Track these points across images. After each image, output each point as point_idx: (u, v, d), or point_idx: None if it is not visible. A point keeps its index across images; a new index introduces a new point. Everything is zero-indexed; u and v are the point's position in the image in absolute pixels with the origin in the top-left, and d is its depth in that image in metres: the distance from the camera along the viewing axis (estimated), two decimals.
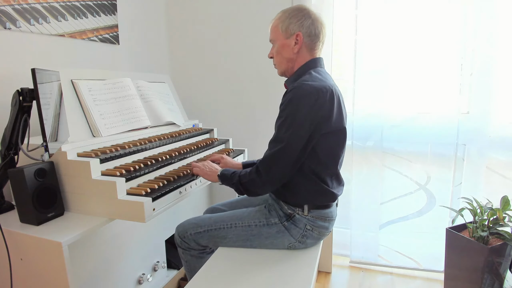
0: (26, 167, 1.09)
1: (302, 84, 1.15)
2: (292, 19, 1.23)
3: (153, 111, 1.70)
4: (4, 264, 1.12)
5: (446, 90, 1.93)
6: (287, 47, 1.26)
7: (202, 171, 1.37)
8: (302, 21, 1.22)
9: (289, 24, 1.24)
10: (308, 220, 1.25)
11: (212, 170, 1.35)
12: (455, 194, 1.99)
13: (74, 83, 1.40)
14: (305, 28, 1.23)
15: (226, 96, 2.40)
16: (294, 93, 1.14)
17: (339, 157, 1.27)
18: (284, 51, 1.27)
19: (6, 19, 1.40)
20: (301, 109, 1.13)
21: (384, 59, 1.95)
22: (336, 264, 2.18)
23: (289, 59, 1.28)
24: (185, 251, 1.38)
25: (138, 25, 2.19)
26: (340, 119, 1.21)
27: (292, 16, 1.24)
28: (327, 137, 1.18)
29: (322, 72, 1.24)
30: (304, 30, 1.23)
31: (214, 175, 1.33)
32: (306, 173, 1.21)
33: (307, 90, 1.13)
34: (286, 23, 1.24)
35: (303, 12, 1.24)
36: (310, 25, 1.23)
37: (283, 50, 1.27)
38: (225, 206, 1.57)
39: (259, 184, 1.19)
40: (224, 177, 1.29)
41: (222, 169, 1.34)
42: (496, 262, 1.56)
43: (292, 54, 1.26)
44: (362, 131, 2.07)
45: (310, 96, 1.12)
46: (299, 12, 1.24)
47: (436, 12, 1.89)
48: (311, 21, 1.23)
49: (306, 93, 1.13)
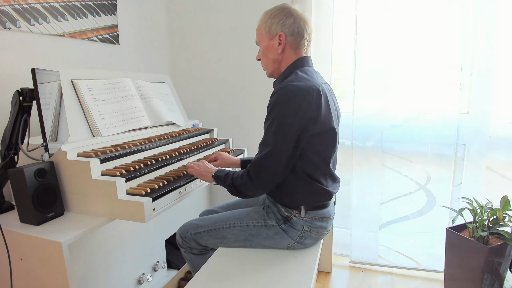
0: (26, 167, 1.09)
1: (288, 85, 1.13)
2: (273, 19, 1.22)
3: (153, 111, 1.70)
4: (4, 264, 1.12)
5: (446, 90, 1.94)
6: (271, 48, 1.25)
7: (197, 172, 1.36)
8: (284, 21, 1.21)
9: (271, 25, 1.23)
10: (306, 221, 1.24)
11: (207, 170, 1.34)
12: (455, 194, 1.99)
13: (74, 83, 1.40)
14: (287, 27, 1.21)
15: (226, 96, 2.40)
16: (280, 95, 1.13)
17: (330, 157, 1.24)
18: (269, 52, 1.26)
19: (6, 19, 1.40)
20: (287, 111, 1.11)
21: (384, 59, 1.95)
22: (336, 264, 2.18)
23: (275, 60, 1.26)
24: (187, 250, 1.39)
25: (138, 25, 2.19)
26: (329, 119, 1.18)
27: (274, 16, 1.23)
28: (316, 138, 1.16)
29: (309, 71, 1.22)
30: (287, 30, 1.21)
31: (208, 176, 1.32)
32: (300, 174, 1.20)
33: (293, 91, 1.12)
34: (268, 23, 1.23)
35: (284, 11, 1.22)
36: (292, 23, 1.21)
37: (268, 52, 1.27)
38: (222, 209, 1.56)
39: (251, 188, 1.19)
40: (218, 178, 1.28)
41: (217, 169, 1.32)
42: (496, 262, 1.56)
43: (277, 54, 1.25)
44: (362, 131, 2.06)
45: (295, 97, 1.11)
46: (280, 12, 1.22)
47: (436, 12, 1.89)
48: (293, 19, 1.21)
49: (291, 94, 1.11)
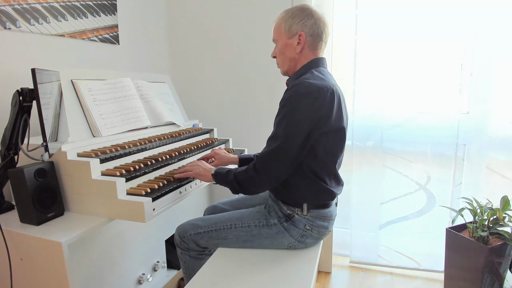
0: (26, 167, 1.09)
1: (303, 82, 1.14)
2: (295, 19, 1.23)
3: (153, 111, 1.70)
4: (4, 264, 1.12)
5: (446, 90, 1.94)
6: (290, 47, 1.26)
7: (195, 172, 1.33)
8: (305, 21, 1.22)
9: (292, 24, 1.23)
10: (308, 220, 1.25)
11: (206, 169, 1.32)
12: (455, 194, 1.99)
13: (74, 83, 1.40)
14: (308, 28, 1.22)
15: (226, 96, 2.40)
16: (295, 91, 1.14)
17: (337, 156, 1.26)
18: (286, 51, 1.27)
19: (6, 19, 1.40)
20: (300, 107, 1.12)
21: (384, 59, 1.95)
22: (336, 264, 2.18)
23: (292, 58, 1.27)
24: (184, 251, 1.38)
25: (138, 25, 2.19)
26: (340, 119, 1.20)
27: (295, 16, 1.23)
28: (326, 136, 1.17)
29: (324, 71, 1.24)
30: (307, 30, 1.22)
31: (208, 175, 1.30)
32: (305, 172, 1.20)
33: (308, 88, 1.13)
34: (289, 22, 1.24)
35: (306, 12, 1.23)
36: (313, 24, 1.22)
37: (285, 50, 1.27)
38: (225, 205, 1.56)
39: (257, 182, 1.18)
40: (218, 176, 1.26)
41: (216, 167, 1.30)
42: (496, 262, 1.56)
43: (295, 53, 1.26)
44: (362, 131, 2.07)
45: (310, 94, 1.12)
46: (302, 12, 1.23)
47: (436, 12, 1.89)
48: (313, 20, 1.23)
49: (307, 90, 1.12)
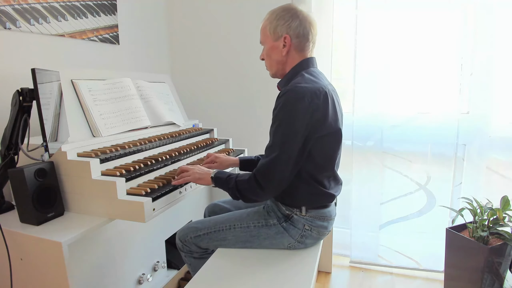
0: (26, 167, 1.08)
1: (295, 87, 1.11)
2: (279, 21, 1.20)
3: (153, 111, 1.70)
4: (4, 264, 1.11)
5: (446, 90, 1.94)
6: (276, 50, 1.24)
7: (193, 177, 1.27)
8: (290, 23, 1.19)
9: (277, 26, 1.21)
10: (306, 220, 1.24)
11: (203, 173, 1.27)
12: (455, 194, 1.99)
13: (74, 83, 1.40)
14: (293, 29, 1.20)
15: (226, 96, 2.40)
16: (287, 97, 1.11)
17: (335, 158, 1.25)
18: (273, 54, 1.25)
19: (6, 19, 1.40)
20: (295, 113, 1.10)
21: (384, 59, 1.95)
22: (336, 264, 2.18)
23: (279, 61, 1.25)
24: (187, 254, 1.37)
25: (138, 25, 2.19)
26: (335, 120, 1.18)
27: (280, 18, 1.21)
28: (322, 139, 1.15)
29: (314, 72, 1.21)
30: (292, 32, 1.20)
31: (207, 178, 1.25)
32: (303, 176, 1.19)
33: (300, 93, 1.10)
34: (274, 24, 1.22)
35: (290, 12, 1.20)
36: (298, 26, 1.20)
37: (272, 53, 1.25)
38: (226, 203, 1.56)
39: (259, 193, 1.14)
40: (218, 180, 1.22)
41: (216, 171, 1.26)
42: (496, 262, 1.56)
43: (281, 56, 1.23)
44: (362, 131, 2.07)
45: (303, 99, 1.09)
46: (286, 13, 1.20)
47: (436, 12, 1.89)
48: (298, 21, 1.20)
49: (299, 96, 1.09)
